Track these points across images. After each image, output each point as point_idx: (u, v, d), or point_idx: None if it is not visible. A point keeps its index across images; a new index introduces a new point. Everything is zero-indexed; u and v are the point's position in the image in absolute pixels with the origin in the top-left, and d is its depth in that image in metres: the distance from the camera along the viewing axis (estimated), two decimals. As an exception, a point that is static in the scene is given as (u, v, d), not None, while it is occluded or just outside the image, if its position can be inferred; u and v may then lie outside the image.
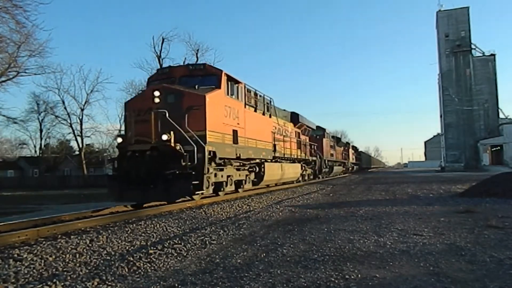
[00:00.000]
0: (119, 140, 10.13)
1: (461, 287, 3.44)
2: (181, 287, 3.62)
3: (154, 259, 4.60)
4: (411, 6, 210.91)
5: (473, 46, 58.92)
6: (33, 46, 20.68)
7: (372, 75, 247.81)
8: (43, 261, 4.43)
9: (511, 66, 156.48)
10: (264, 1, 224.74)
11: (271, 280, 3.72)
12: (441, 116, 62.31)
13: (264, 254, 4.80)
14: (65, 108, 45.48)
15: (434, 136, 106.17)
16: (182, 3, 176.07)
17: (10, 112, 45.31)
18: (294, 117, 20.91)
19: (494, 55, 58.63)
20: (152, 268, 4.28)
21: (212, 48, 74.22)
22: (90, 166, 51.99)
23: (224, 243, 5.56)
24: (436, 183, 19.48)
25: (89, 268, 4.26)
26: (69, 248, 4.97)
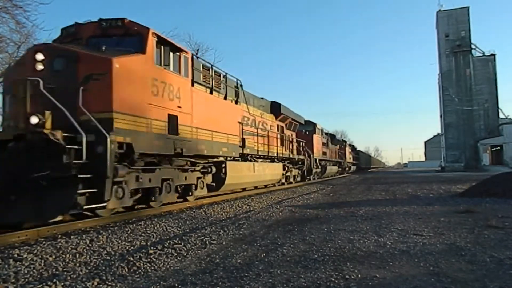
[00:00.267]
0: None
1: (461, 287, 3.44)
2: (181, 287, 3.62)
3: (154, 259, 4.60)
4: (411, 6, 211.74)
5: (473, 46, 59.06)
6: (33, 46, 20.72)
7: (372, 75, 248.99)
8: (43, 261, 4.42)
9: (511, 66, 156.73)
10: (264, 1, 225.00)
11: (271, 280, 3.72)
12: (441, 116, 62.39)
13: (264, 254, 4.80)
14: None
15: (434, 136, 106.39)
16: (182, 3, 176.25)
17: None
18: (275, 108, 17.36)
19: (494, 55, 58.80)
20: (152, 268, 4.28)
21: (212, 48, 74.16)
22: None
23: (224, 243, 5.56)
24: (436, 183, 19.49)
25: (89, 268, 4.25)
26: (69, 248, 4.97)
